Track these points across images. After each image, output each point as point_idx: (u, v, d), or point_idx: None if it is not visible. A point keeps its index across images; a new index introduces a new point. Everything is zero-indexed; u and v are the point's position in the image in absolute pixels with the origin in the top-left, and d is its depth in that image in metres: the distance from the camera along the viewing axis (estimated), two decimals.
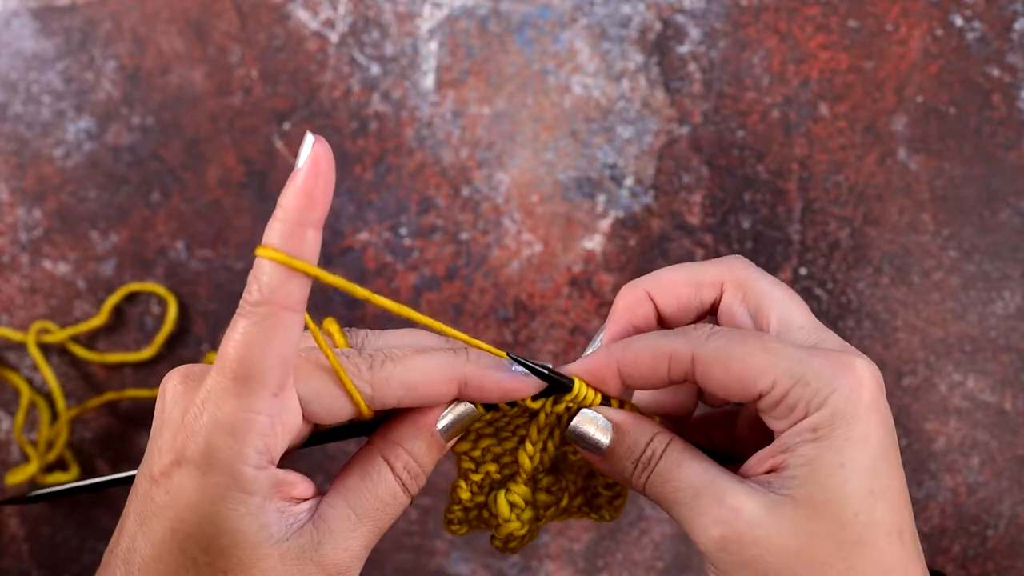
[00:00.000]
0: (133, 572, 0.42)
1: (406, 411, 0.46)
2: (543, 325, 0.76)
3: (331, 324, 0.46)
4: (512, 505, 0.48)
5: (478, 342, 0.45)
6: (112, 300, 0.76)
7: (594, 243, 0.77)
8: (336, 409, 0.43)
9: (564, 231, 0.77)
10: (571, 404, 0.46)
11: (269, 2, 0.78)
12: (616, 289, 0.76)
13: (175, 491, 0.41)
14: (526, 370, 0.44)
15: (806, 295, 0.76)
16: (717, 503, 0.43)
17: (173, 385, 0.43)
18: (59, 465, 0.77)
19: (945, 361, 0.76)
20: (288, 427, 0.42)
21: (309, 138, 0.39)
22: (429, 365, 0.43)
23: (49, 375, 0.75)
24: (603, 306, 0.76)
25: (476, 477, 0.48)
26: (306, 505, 0.44)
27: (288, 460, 0.47)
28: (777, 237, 0.76)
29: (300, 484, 0.43)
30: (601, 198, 0.77)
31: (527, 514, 0.48)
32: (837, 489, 0.41)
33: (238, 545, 0.41)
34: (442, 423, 0.45)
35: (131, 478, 0.46)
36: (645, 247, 0.77)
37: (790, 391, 0.42)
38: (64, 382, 0.77)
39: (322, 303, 0.76)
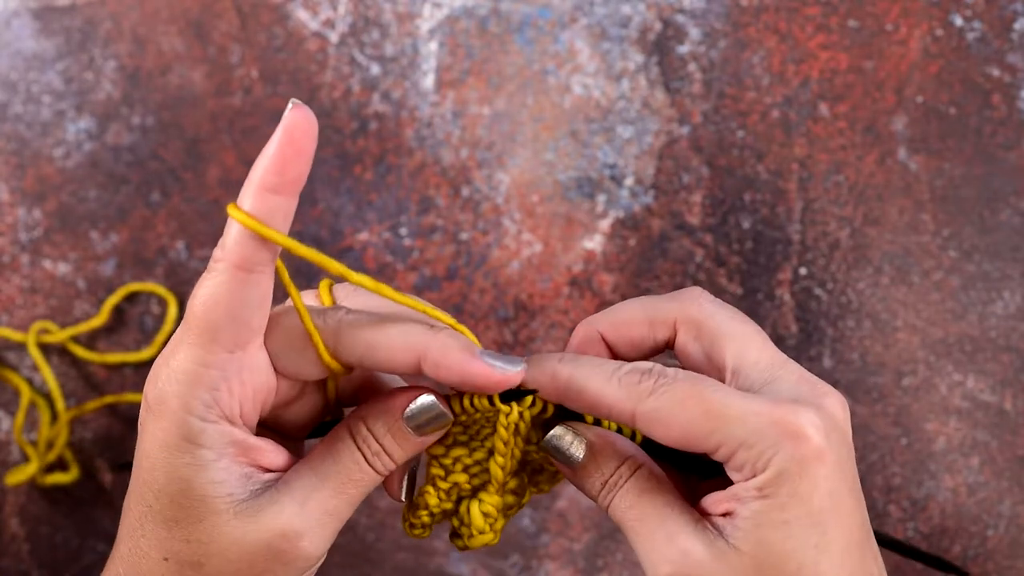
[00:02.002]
0: (121, 521, 0.44)
1: (390, 393, 0.46)
2: (543, 325, 0.76)
3: (323, 286, 0.46)
4: (486, 515, 0.48)
5: (464, 328, 0.44)
6: (112, 300, 0.76)
7: (594, 243, 0.77)
8: (303, 363, 0.43)
9: (564, 231, 0.77)
10: (528, 411, 0.46)
11: (269, 2, 0.78)
12: (616, 289, 0.76)
13: (140, 437, 0.43)
14: (496, 363, 0.43)
15: (806, 295, 0.76)
16: (668, 542, 0.43)
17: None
18: (59, 465, 0.77)
19: (945, 361, 0.76)
20: (253, 385, 0.42)
21: (289, 106, 0.39)
22: (396, 329, 0.43)
23: (49, 375, 0.75)
24: (603, 306, 0.76)
25: (444, 485, 0.48)
26: (276, 474, 0.44)
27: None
28: (777, 237, 0.76)
29: (271, 453, 0.44)
30: (601, 198, 0.77)
31: (500, 523, 0.48)
32: (780, 544, 0.41)
33: (185, 495, 0.42)
34: (407, 412, 0.45)
35: None
36: (645, 247, 0.77)
37: (735, 453, 0.42)
38: (64, 382, 0.77)
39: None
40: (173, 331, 0.76)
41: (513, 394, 0.45)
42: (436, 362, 0.42)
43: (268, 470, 0.44)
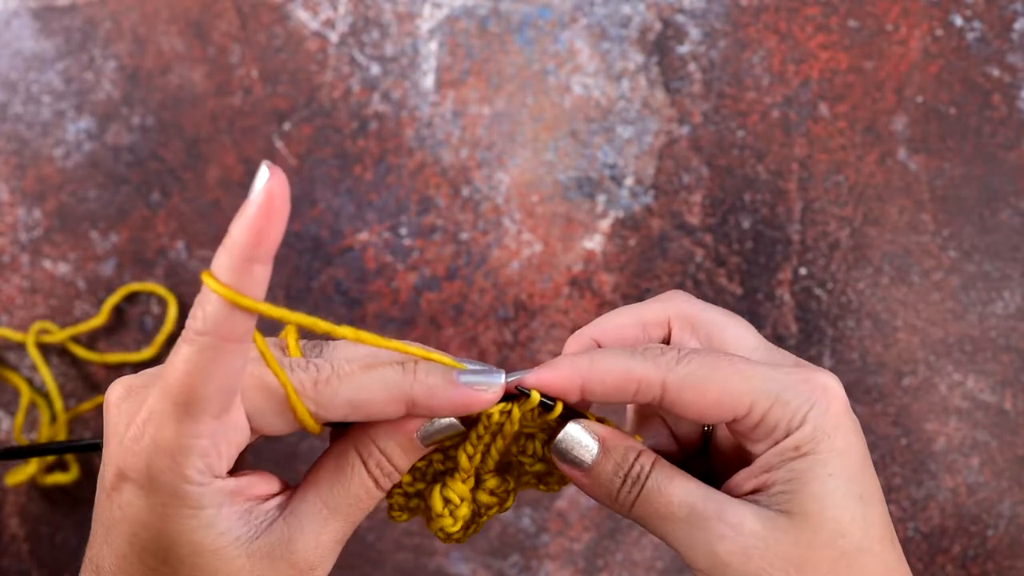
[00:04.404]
0: None
1: None
2: (543, 325, 0.76)
3: (290, 334, 0.45)
4: (446, 500, 0.47)
5: (436, 355, 0.43)
6: (112, 300, 0.76)
7: (594, 243, 0.77)
8: (281, 425, 0.43)
9: (564, 231, 0.77)
10: (529, 412, 0.45)
11: (269, 2, 0.78)
12: (616, 289, 0.76)
13: (125, 508, 0.42)
14: (478, 381, 0.43)
15: (806, 295, 0.76)
16: (717, 518, 0.42)
17: (117, 397, 0.43)
18: (59, 465, 0.77)
19: (945, 361, 0.76)
20: (235, 444, 0.42)
21: (264, 171, 0.38)
22: (376, 383, 0.42)
23: (47, 376, 0.75)
24: (603, 306, 0.76)
25: (419, 464, 0.47)
26: (275, 501, 0.44)
27: (248, 453, 0.47)
28: (777, 237, 0.76)
29: (260, 484, 0.44)
30: (601, 198, 0.77)
31: (462, 511, 0.48)
32: (829, 497, 0.42)
33: (197, 554, 0.42)
34: (422, 431, 0.45)
35: (96, 446, 0.47)
36: (645, 247, 0.77)
37: (768, 412, 0.42)
38: (64, 382, 0.77)
39: (322, 302, 0.76)
40: (173, 331, 0.76)
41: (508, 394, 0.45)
42: (424, 405, 0.43)
43: (264, 497, 0.44)
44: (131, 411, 0.42)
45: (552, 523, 0.76)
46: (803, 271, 0.76)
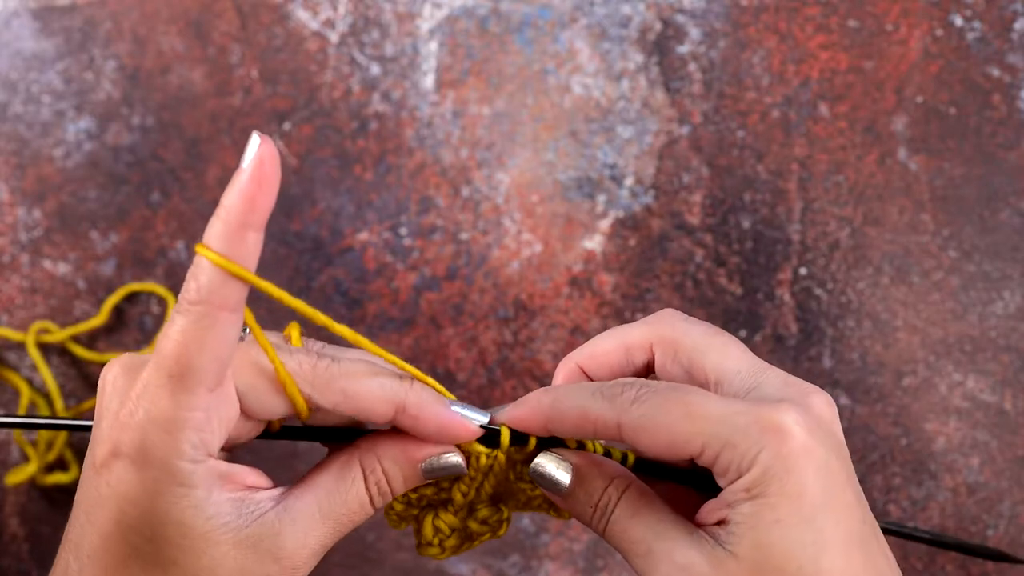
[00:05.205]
0: (83, 559, 0.43)
1: (400, 432, 0.46)
2: (543, 325, 0.76)
3: (293, 328, 0.46)
4: (436, 530, 0.49)
5: (432, 381, 0.45)
6: (112, 300, 0.76)
7: (594, 243, 0.77)
8: (272, 405, 0.43)
9: (564, 231, 0.77)
10: (513, 453, 0.47)
11: (269, 2, 0.78)
12: (616, 289, 0.76)
13: (115, 484, 0.42)
14: (465, 413, 0.45)
15: (806, 295, 0.76)
16: (667, 559, 0.43)
17: (113, 376, 0.43)
18: (59, 465, 0.77)
19: (945, 361, 0.76)
20: (226, 420, 0.42)
21: (255, 139, 0.38)
22: (372, 380, 0.43)
23: (48, 376, 0.75)
24: (603, 306, 0.76)
25: (412, 496, 0.49)
26: (268, 494, 0.44)
27: (243, 452, 0.47)
28: (777, 237, 0.76)
29: (250, 475, 0.44)
30: (601, 198, 0.77)
31: (451, 541, 0.49)
32: (775, 545, 0.41)
33: (184, 535, 0.42)
34: (427, 463, 0.46)
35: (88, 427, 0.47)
36: (645, 247, 0.77)
37: (720, 455, 0.42)
38: (64, 382, 0.77)
39: (321, 302, 0.76)
40: None
41: (490, 440, 0.46)
42: (414, 415, 0.44)
43: (256, 488, 0.44)
44: (125, 389, 0.42)
45: (552, 523, 0.76)
46: (803, 271, 0.76)
